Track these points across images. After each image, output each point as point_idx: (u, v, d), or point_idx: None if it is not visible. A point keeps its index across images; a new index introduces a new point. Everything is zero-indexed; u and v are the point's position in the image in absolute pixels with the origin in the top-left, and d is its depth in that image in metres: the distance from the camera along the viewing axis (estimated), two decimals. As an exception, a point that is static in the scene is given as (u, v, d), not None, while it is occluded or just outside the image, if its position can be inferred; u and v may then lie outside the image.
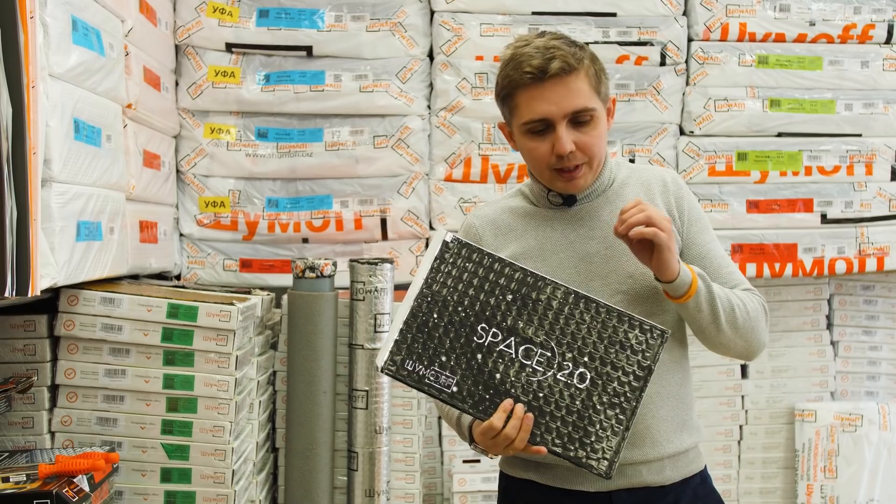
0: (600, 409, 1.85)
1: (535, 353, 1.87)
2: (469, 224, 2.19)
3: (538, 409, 1.84)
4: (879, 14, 4.02)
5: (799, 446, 4.20)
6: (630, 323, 1.90)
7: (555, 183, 2.04)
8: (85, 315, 2.77)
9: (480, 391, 1.84)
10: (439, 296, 1.88)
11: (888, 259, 4.08)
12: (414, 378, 1.84)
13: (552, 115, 1.95)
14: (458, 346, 1.86)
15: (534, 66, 1.93)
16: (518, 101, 1.99)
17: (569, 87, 1.95)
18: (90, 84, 2.62)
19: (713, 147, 3.95)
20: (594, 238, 2.07)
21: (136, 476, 2.82)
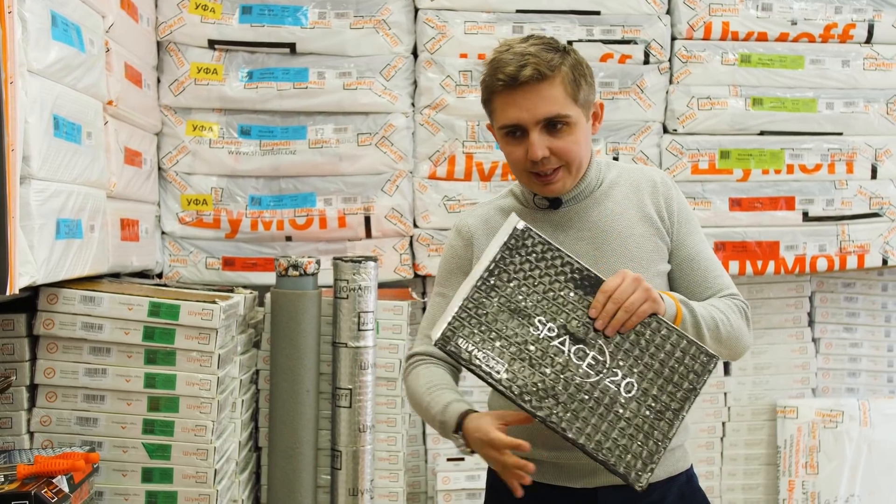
0: (641, 423, 1.84)
1: (587, 356, 1.86)
2: (462, 223, 2.20)
3: (581, 410, 1.83)
4: (860, 14, 4.04)
5: (781, 443, 4.22)
6: (685, 344, 1.90)
7: (534, 187, 2.07)
8: (65, 314, 2.74)
9: (529, 383, 1.82)
10: (501, 281, 1.88)
11: (868, 257, 4.10)
12: (465, 356, 1.83)
13: (524, 121, 1.98)
14: (514, 334, 1.85)
15: (506, 74, 1.96)
16: (495, 106, 2.03)
17: (541, 94, 1.97)
18: (70, 80, 2.60)
19: (696, 145, 3.96)
20: (583, 239, 2.07)
21: (116, 476, 2.80)
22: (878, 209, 4.10)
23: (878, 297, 4.49)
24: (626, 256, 2.05)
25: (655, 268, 2.08)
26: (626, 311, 1.85)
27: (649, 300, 1.86)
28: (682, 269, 2.13)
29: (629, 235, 2.08)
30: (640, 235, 2.09)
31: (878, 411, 4.22)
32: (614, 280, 1.87)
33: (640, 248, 2.07)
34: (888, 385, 4.46)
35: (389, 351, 3.46)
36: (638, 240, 2.08)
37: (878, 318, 4.49)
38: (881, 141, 4.08)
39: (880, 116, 4.07)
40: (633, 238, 2.08)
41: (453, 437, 1.96)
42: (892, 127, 4.09)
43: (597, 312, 1.86)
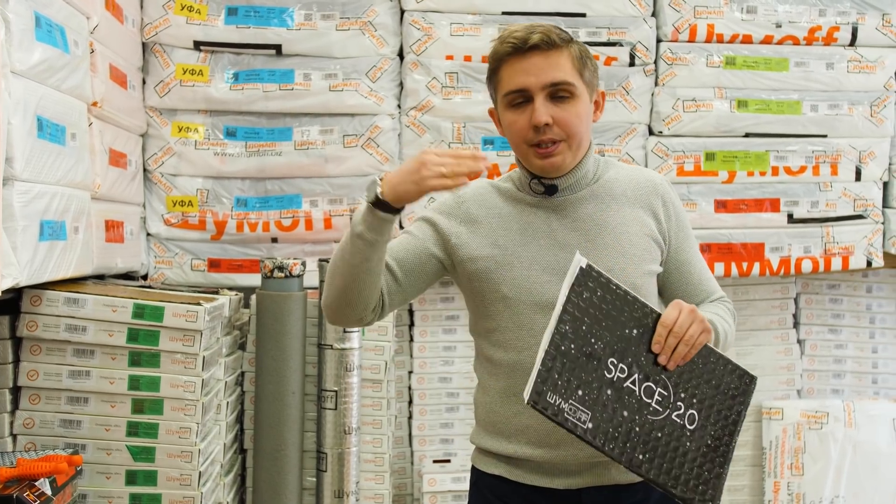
0: (706, 452, 1.86)
1: (654, 392, 1.86)
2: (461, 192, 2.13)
3: (657, 448, 1.83)
4: (844, 17, 4.06)
5: (766, 444, 4.23)
6: (725, 366, 1.92)
7: (532, 161, 2.03)
8: (48, 316, 2.74)
9: (610, 429, 1.80)
10: (575, 325, 1.82)
11: (853, 258, 4.12)
12: (554, 411, 1.77)
13: (530, 85, 1.97)
14: (592, 379, 1.81)
15: (516, 38, 1.97)
16: (501, 75, 2.02)
17: (548, 60, 1.97)
18: (54, 81, 2.59)
19: (682, 147, 3.97)
20: (576, 230, 2.06)
21: (100, 479, 2.79)
22: (862, 211, 4.12)
23: (862, 299, 4.51)
24: (618, 252, 2.05)
25: (647, 267, 2.08)
26: (685, 345, 1.86)
27: (705, 331, 1.88)
28: (679, 273, 2.15)
29: (623, 232, 2.07)
30: (635, 234, 2.08)
31: (863, 412, 4.23)
32: (672, 313, 1.87)
33: (634, 246, 2.07)
34: (873, 386, 4.48)
35: (375, 353, 3.46)
36: (632, 237, 2.08)
37: (863, 320, 4.51)
38: (865, 143, 4.10)
39: (864, 119, 4.08)
40: (627, 235, 2.07)
41: (367, 206, 1.88)
42: (876, 129, 4.11)
43: (660, 347, 1.86)
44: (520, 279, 2.02)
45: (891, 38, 4.10)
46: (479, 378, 2.14)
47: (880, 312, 4.52)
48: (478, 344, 2.14)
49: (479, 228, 2.07)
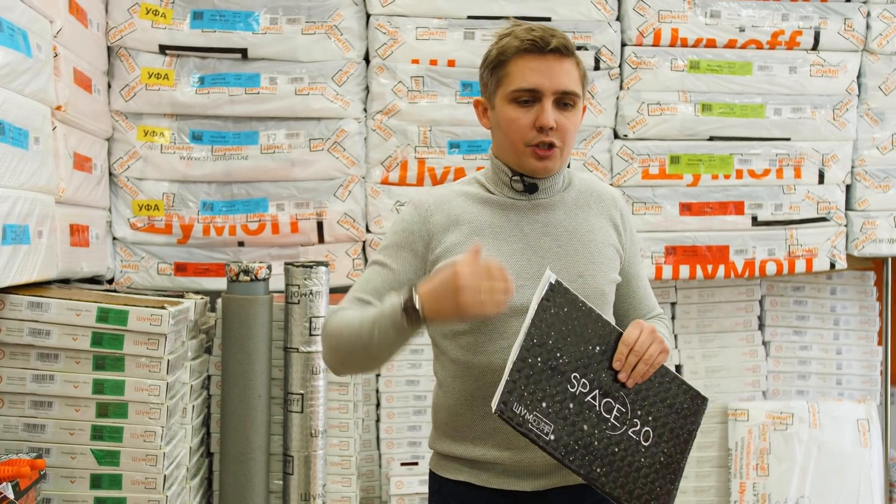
0: (659, 468, 1.92)
1: (613, 408, 1.90)
2: (419, 202, 2.12)
3: (614, 462, 1.88)
4: (806, 21, 4.10)
5: (732, 445, 4.27)
6: (679, 387, 1.98)
7: (526, 160, 2.03)
8: (12, 320, 2.72)
9: (571, 441, 1.84)
10: (543, 339, 1.85)
11: (817, 261, 4.16)
12: (519, 421, 1.80)
13: (543, 87, 1.97)
14: (556, 392, 1.84)
15: (536, 37, 1.97)
16: (511, 70, 2.00)
17: (563, 67, 1.99)
18: (17, 85, 2.58)
19: (646, 150, 4.00)
20: (548, 234, 2.07)
21: (65, 483, 2.78)
22: (825, 213, 4.16)
23: (826, 301, 4.56)
24: (587, 259, 2.07)
25: (611, 275, 2.12)
26: (645, 364, 1.91)
27: (663, 351, 1.93)
28: (628, 286, 2.20)
29: (591, 240, 2.10)
30: (601, 242, 2.12)
31: (828, 413, 4.28)
32: (633, 332, 1.92)
33: (601, 254, 2.10)
34: (837, 387, 4.53)
35: (341, 356, 3.46)
36: (599, 246, 2.11)
37: (827, 321, 4.55)
38: (828, 146, 4.15)
39: (827, 122, 4.13)
40: (595, 243, 2.10)
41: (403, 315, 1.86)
42: (839, 132, 4.16)
43: (620, 365, 1.91)
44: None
45: (853, 43, 4.15)
46: (442, 381, 2.12)
47: (844, 314, 4.57)
48: (442, 346, 2.11)
49: (449, 236, 2.06)
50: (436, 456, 2.16)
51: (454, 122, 3.86)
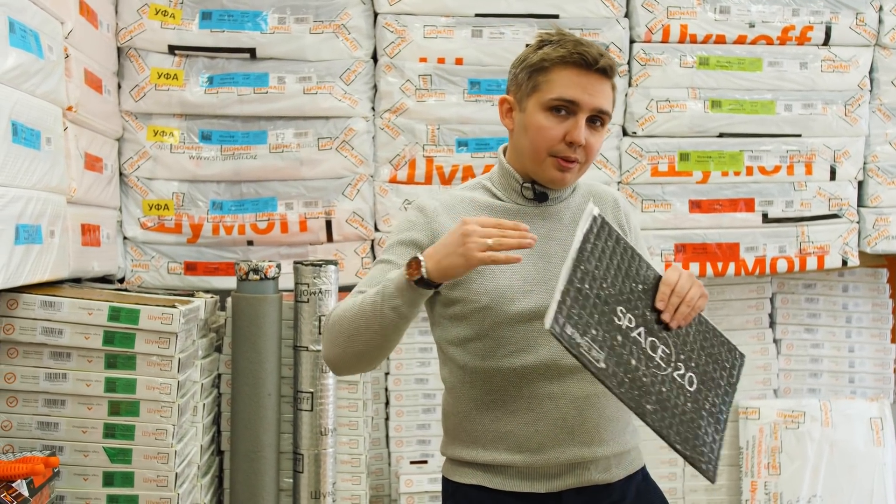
0: (704, 415, 1.88)
1: (658, 348, 1.86)
2: (424, 204, 2.09)
3: (663, 403, 1.83)
4: (817, 16, 4.08)
5: (743, 444, 4.26)
6: (717, 337, 1.96)
7: (546, 170, 2.02)
8: (25, 319, 2.74)
9: (621, 373, 1.79)
10: (590, 266, 1.82)
11: (828, 258, 4.15)
12: (573, 343, 1.74)
13: (583, 102, 1.97)
14: (605, 322, 1.80)
15: (584, 51, 1.97)
16: (553, 77, 1.99)
17: (604, 88, 1.99)
18: (28, 86, 2.60)
19: (655, 148, 4.00)
20: (554, 239, 2.06)
21: (77, 480, 2.79)
22: (836, 210, 4.15)
23: (838, 298, 4.54)
24: None
25: None
26: (687, 305, 1.89)
27: (703, 296, 1.91)
28: None
29: None
30: None
31: (840, 412, 4.26)
32: (672, 275, 1.90)
33: None
34: (849, 385, 4.51)
35: (351, 354, 3.46)
36: None
37: (839, 319, 4.54)
38: (839, 142, 4.13)
39: (838, 118, 4.12)
40: None
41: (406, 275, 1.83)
42: (851, 128, 4.14)
43: (664, 305, 1.88)
44: (503, 289, 1.99)
45: (864, 38, 4.13)
46: (451, 387, 2.10)
47: (856, 312, 4.55)
48: (449, 353, 2.08)
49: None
50: (448, 462, 2.14)
51: (462, 120, 3.86)
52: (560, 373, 2.00)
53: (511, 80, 2.10)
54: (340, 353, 1.97)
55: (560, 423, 2.00)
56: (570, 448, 2.01)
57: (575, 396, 2.01)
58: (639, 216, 3.91)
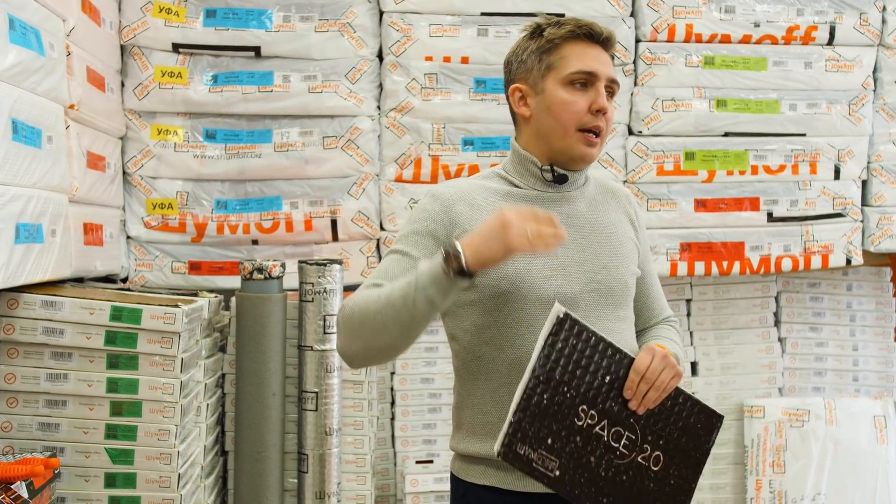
0: (668, 491, 1.93)
1: (622, 436, 1.90)
2: (440, 192, 2.07)
3: (622, 493, 1.88)
4: (822, 16, 4.07)
5: (748, 442, 4.25)
6: (693, 407, 1.98)
7: (574, 146, 2.04)
8: (25, 319, 2.72)
9: (576, 475, 1.84)
10: (550, 375, 1.84)
11: (833, 257, 4.14)
12: (523, 462, 1.81)
13: (599, 72, 2.03)
14: (562, 427, 1.84)
15: (588, 26, 2.06)
16: (566, 53, 2.05)
17: (608, 58, 2.09)
18: (29, 84, 2.58)
19: (661, 147, 3.98)
20: (572, 226, 2.06)
21: (79, 482, 2.78)
22: (841, 209, 4.14)
23: (843, 297, 4.53)
24: (611, 251, 2.08)
25: (633, 267, 2.14)
26: (656, 390, 1.91)
27: (676, 375, 1.93)
28: (642, 283, 2.21)
29: (613, 233, 2.12)
30: (623, 236, 2.14)
31: (844, 410, 4.25)
32: (644, 359, 1.92)
33: (623, 246, 2.12)
34: (854, 384, 4.50)
35: (355, 354, 3.45)
36: (621, 238, 2.13)
37: (844, 318, 4.53)
38: (844, 142, 4.12)
39: (842, 117, 4.10)
40: (617, 235, 2.12)
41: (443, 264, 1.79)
42: (855, 128, 4.13)
43: (631, 393, 1.91)
44: (522, 273, 1.99)
45: (868, 37, 4.12)
46: (465, 380, 2.08)
47: (860, 310, 4.54)
48: (463, 342, 2.07)
49: (471, 224, 2.00)
50: (459, 458, 2.12)
51: (468, 119, 3.84)
52: None
53: (517, 68, 2.12)
54: (362, 346, 1.93)
55: None
56: None
57: None
58: (644, 215, 3.89)
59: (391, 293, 1.85)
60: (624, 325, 2.10)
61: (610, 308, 2.05)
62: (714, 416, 2.01)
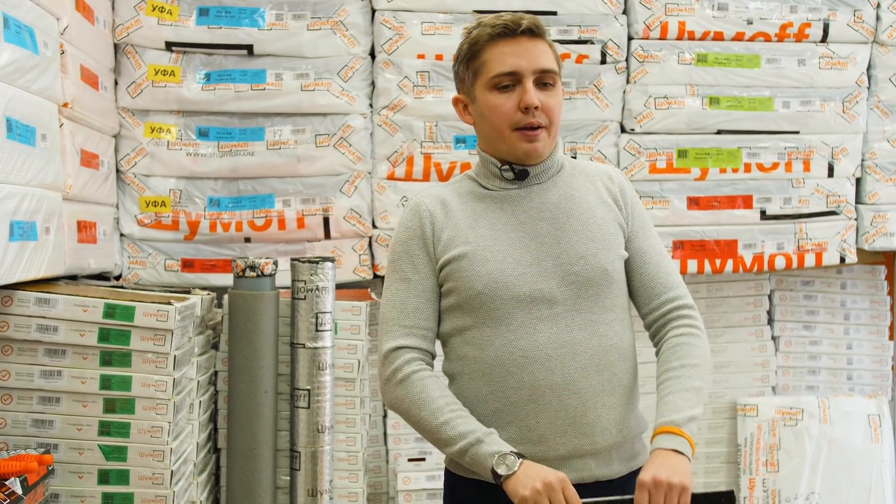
0: None
1: None
2: (418, 203, 2.14)
3: None
4: (815, 13, 4.08)
5: (741, 441, 4.25)
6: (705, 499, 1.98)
7: (515, 145, 2.04)
8: (19, 316, 2.72)
9: None
10: None
11: (826, 255, 4.14)
12: None
13: (522, 68, 2.01)
14: None
15: (506, 20, 2.03)
16: (486, 57, 2.04)
17: (537, 48, 2.03)
18: (23, 82, 2.58)
19: (654, 144, 3.99)
20: (544, 219, 2.07)
21: (72, 478, 2.78)
22: (835, 207, 4.14)
23: (836, 295, 4.53)
24: (588, 238, 2.07)
25: (617, 251, 2.11)
26: None
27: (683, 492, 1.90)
28: (635, 263, 2.16)
29: (590, 217, 2.10)
30: (601, 218, 2.11)
31: (838, 409, 4.26)
32: (643, 498, 1.90)
33: (602, 230, 2.10)
34: (847, 383, 4.50)
35: (348, 351, 3.46)
36: (599, 222, 2.10)
37: (838, 316, 4.53)
38: (837, 139, 4.12)
39: (836, 115, 4.11)
40: (595, 220, 2.10)
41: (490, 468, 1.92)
42: (849, 125, 4.13)
43: None
44: (495, 273, 2.01)
45: (862, 35, 4.12)
46: (453, 379, 2.12)
47: (854, 309, 4.54)
48: (450, 345, 2.12)
49: (445, 233, 2.07)
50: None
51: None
52: (563, 362, 2.01)
53: (455, 77, 2.17)
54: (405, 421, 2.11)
55: (562, 414, 2.01)
56: (571, 439, 2.02)
57: (578, 388, 2.02)
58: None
59: (439, 426, 1.99)
60: (611, 316, 2.08)
61: (591, 300, 2.04)
62: (724, 496, 2.00)
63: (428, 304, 2.08)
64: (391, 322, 2.11)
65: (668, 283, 2.15)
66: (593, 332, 2.04)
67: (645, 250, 2.16)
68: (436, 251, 2.08)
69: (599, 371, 2.03)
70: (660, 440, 1.95)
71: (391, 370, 2.07)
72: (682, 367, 2.05)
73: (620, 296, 2.11)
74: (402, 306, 2.08)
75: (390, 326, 2.11)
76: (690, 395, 2.01)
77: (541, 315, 2.00)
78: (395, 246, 2.15)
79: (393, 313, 2.11)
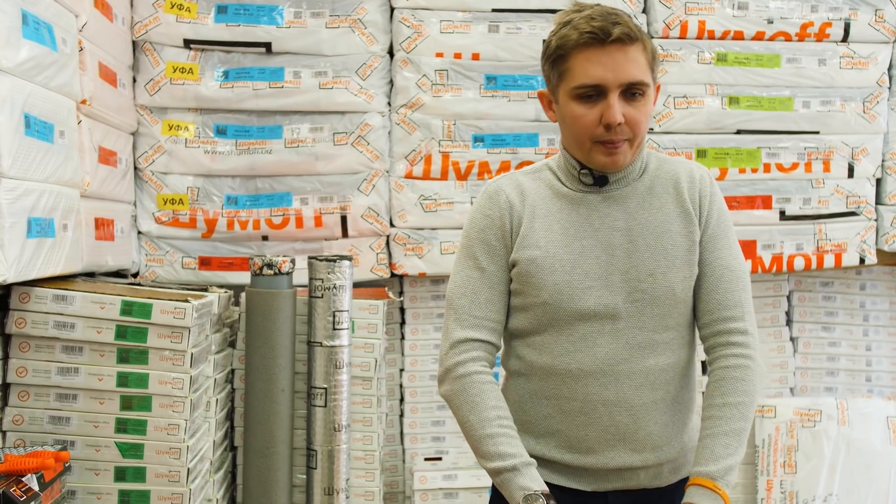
0: None
1: None
2: (498, 187, 2.07)
3: None
4: (836, 12, 4.05)
5: (759, 442, 4.22)
6: None
7: (594, 157, 1.95)
8: (37, 313, 2.73)
9: None
10: None
11: (846, 256, 4.12)
12: None
13: (607, 81, 1.87)
14: None
15: (595, 27, 1.86)
16: (572, 64, 1.90)
17: (628, 56, 1.88)
18: (42, 79, 2.59)
19: (673, 144, 3.97)
20: (618, 229, 2.00)
21: (89, 475, 2.79)
22: (854, 208, 4.11)
23: (856, 297, 4.50)
24: (660, 254, 1.98)
25: (686, 270, 2.00)
26: None
27: None
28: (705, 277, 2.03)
29: (665, 231, 2.00)
30: (677, 233, 2.01)
31: (856, 410, 4.23)
32: None
33: (675, 247, 2.00)
34: (866, 384, 4.47)
35: (365, 350, 3.46)
36: (674, 237, 2.00)
37: (856, 318, 4.50)
38: (858, 140, 4.10)
39: (857, 115, 4.08)
40: (670, 234, 2.00)
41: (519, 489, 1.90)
42: (869, 125, 4.10)
43: None
44: (561, 285, 1.96)
45: (883, 34, 4.10)
46: (511, 375, 2.10)
47: (874, 310, 4.51)
48: (512, 342, 2.10)
49: (522, 227, 2.02)
50: None
51: (478, 115, 3.84)
52: (617, 379, 1.96)
53: (542, 72, 2.04)
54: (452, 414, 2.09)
55: (612, 429, 1.98)
56: (622, 454, 1.99)
57: (631, 405, 1.97)
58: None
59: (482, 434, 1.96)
60: (672, 335, 2.00)
61: (656, 319, 1.97)
62: None
63: (500, 298, 2.02)
64: (462, 310, 2.03)
65: (725, 301, 2.02)
66: (652, 350, 1.98)
67: (710, 262, 2.02)
68: (512, 244, 2.02)
69: (654, 389, 1.98)
70: (693, 494, 1.87)
71: (454, 361, 2.01)
72: (724, 406, 1.96)
73: (685, 313, 2.02)
74: (473, 295, 2.01)
75: (461, 315, 2.03)
76: (731, 440, 1.92)
77: (602, 329, 1.95)
78: (470, 231, 2.07)
79: (464, 301, 2.03)
